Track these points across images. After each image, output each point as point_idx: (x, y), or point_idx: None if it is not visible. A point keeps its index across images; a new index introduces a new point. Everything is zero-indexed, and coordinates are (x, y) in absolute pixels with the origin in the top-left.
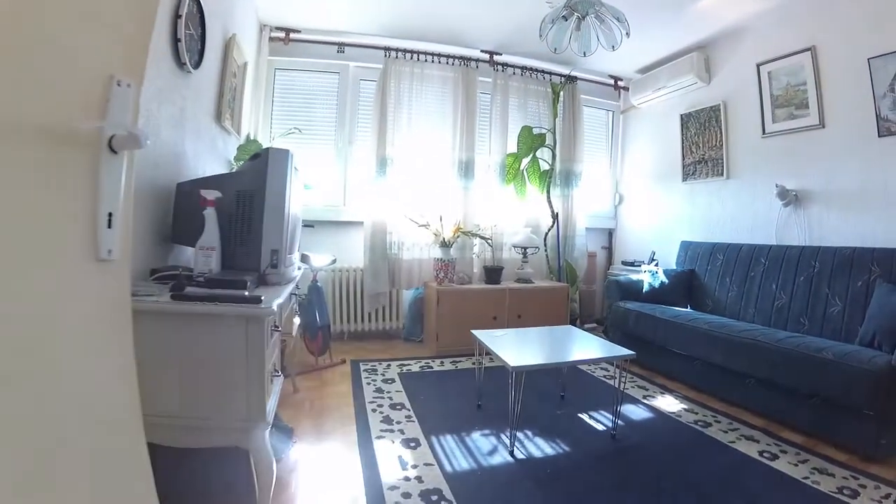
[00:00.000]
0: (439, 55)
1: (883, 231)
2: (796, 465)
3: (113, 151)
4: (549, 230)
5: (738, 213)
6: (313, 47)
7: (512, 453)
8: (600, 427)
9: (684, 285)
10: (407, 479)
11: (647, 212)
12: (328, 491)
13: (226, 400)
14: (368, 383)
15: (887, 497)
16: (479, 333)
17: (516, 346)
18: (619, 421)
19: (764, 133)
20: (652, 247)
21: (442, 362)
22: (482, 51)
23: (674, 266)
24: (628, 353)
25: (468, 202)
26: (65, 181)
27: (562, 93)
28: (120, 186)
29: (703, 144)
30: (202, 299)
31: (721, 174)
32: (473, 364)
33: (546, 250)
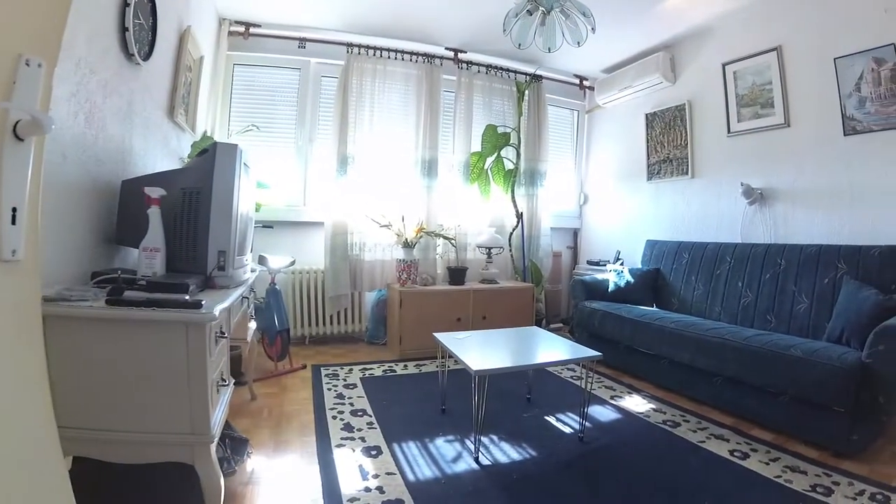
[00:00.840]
0: (403, 52)
1: (848, 228)
2: (768, 463)
3: (18, 138)
4: (514, 230)
5: (704, 211)
6: (274, 42)
7: (477, 459)
8: (568, 430)
9: (650, 284)
10: (367, 489)
11: (613, 211)
12: None
13: (166, 412)
14: (329, 389)
15: (862, 493)
16: (441, 336)
17: (480, 349)
18: (586, 423)
19: (729, 132)
20: (617, 246)
21: (406, 366)
22: (447, 48)
23: (639, 265)
24: (595, 354)
25: (431, 202)
26: None
27: (527, 92)
28: (26, 178)
29: (669, 144)
30: (139, 304)
31: (686, 173)
32: (437, 367)
33: (511, 250)
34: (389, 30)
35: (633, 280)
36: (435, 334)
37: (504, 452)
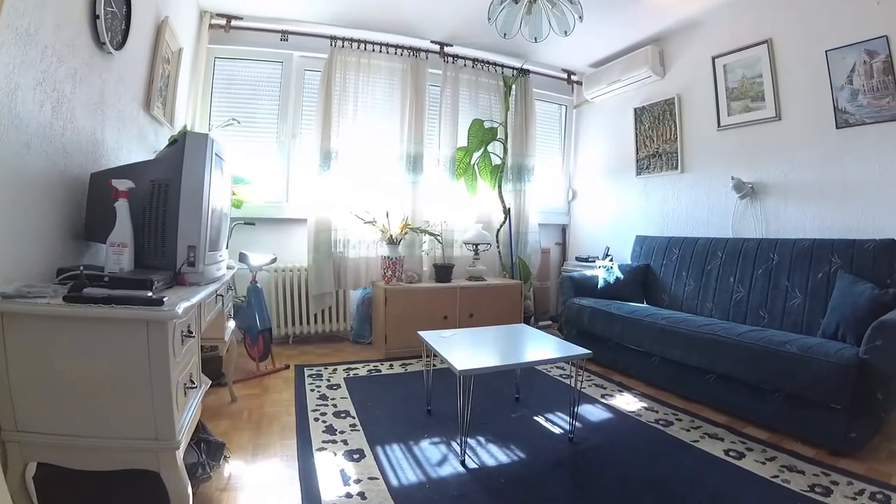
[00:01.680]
0: (388, 45)
1: (841, 222)
2: (764, 463)
3: None
4: (502, 226)
5: (694, 206)
6: (256, 35)
7: (463, 462)
8: (557, 430)
9: (640, 280)
10: (349, 495)
11: (601, 207)
12: None
13: (128, 416)
14: (312, 390)
15: (861, 493)
16: (425, 335)
17: (465, 348)
18: (576, 423)
19: (719, 126)
20: (606, 242)
21: (391, 365)
22: (432, 41)
23: (629, 261)
24: (584, 352)
25: (417, 197)
26: None
27: (514, 86)
28: None
29: (658, 138)
30: (98, 301)
31: (676, 168)
32: (423, 367)
33: (498, 247)
34: (374, 22)
35: (622, 276)
36: (420, 333)
37: (491, 455)
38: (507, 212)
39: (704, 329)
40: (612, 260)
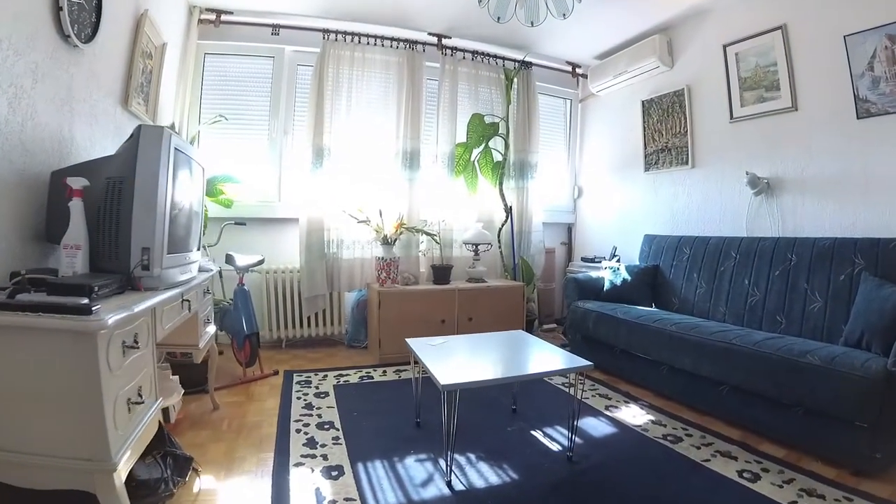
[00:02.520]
0: (383, 38)
1: (864, 220)
2: (781, 486)
3: None
4: (503, 225)
5: (705, 203)
6: (246, 30)
7: (449, 483)
8: (555, 446)
9: (648, 282)
10: None
11: (608, 205)
12: None
13: (59, 434)
14: (299, 398)
15: None
16: (414, 343)
17: (455, 358)
18: (576, 438)
19: (732, 118)
20: (613, 241)
21: (384, 371)
22: (430, 34)
23: (637, 262)
24: (585, 364)
25: (414, 195)
26: None
27: (515, 79)
28: None
29: (667, 132)
30: (27, 308)
31: (686, 163)
32: (414, 375)
33: (500, 247)
34: (368, 14)
35: (629, 278)
36: (408, 340)
37: (481, 474)
38: (508, 210)
39: (717, 336)
40: (618, 260)
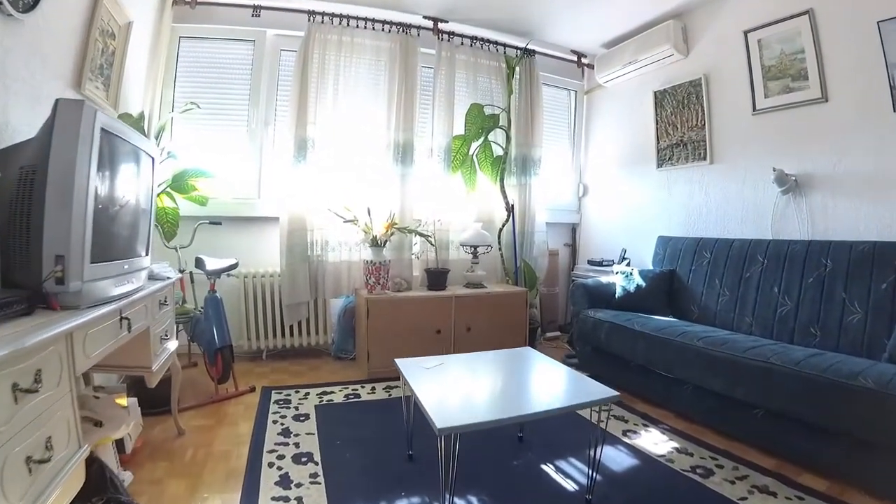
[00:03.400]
0: (374, 21)
1: None
2: None
3: None
4: (504, 225)
5: (725, 202)
6: (225, 11)
7: None
8: (570, 485)
9: (664, 289)
10: None
11: (616, 204)
12: None
13: None
14: (275, 421)
15: None
16: (404, 364)
17: (453, 386)
18: (596, 475)
19: (755, 110)
20: (622, 243)
21: (373, 388)
22: (425, 17)
23: (650, 266)
24: (611, 394)
25: (406, 192)
26: None
27: (517, 68)
28: None
29: (682, 125)
30: None
31: (703, 158)
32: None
33: (501, 249)
34: None
35: (644, 284)
36: (397, 362)
37: None
38: (510, 209)
39: (753, 354)
40: (629, 264)
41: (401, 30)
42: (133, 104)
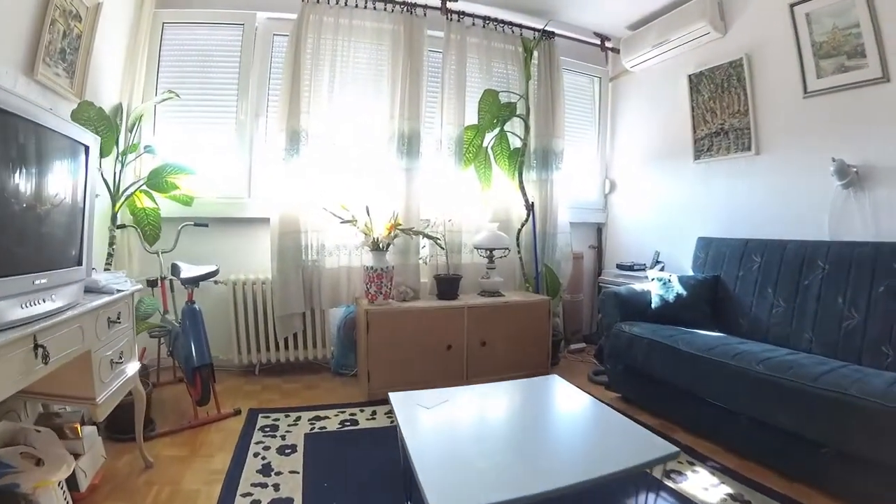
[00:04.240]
0: (375, 0)
1: None
2: None
3: None
4: (523, 226)
5: (773, 198)
6: None
7: None
8: None
9: (706, 298)
10: None
11: (647, 201)
12: None
13: None
14: (257, 454)
15: None
16: (399, 402)
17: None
18: None
19: (806, 92)
20: (654, 245)
21: (374, 413)
22: None
23: (686, 270)
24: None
25: (412, 189)
26: None
27: (535, 51)
28: None
29: (722, 111)
30: None
31: (748, 148)
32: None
33: (519, 252)
34: None
35: (684, 292)
36: (391, 396)
37: None
38: (530, 207)
39: (825, 384)
40: (663, 268)
41: (405, 9)
42: (107, 95)
